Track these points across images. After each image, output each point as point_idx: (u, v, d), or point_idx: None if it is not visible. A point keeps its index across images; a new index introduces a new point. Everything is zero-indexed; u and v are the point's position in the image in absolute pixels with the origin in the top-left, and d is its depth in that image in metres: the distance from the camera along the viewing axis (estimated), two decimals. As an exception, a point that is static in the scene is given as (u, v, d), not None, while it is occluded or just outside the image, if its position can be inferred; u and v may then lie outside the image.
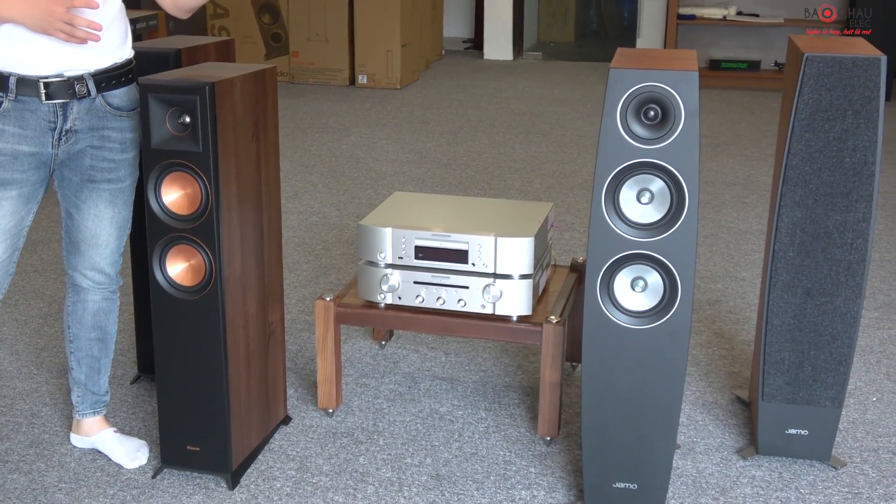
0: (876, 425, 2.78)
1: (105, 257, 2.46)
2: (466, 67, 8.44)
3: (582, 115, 6.62)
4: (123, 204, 2.44)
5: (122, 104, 2.35)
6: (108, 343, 2.60)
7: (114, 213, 2.42)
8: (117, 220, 2.44)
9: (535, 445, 2.66)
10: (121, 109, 2.35)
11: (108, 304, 2.55)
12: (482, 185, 5.04)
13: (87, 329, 2.54)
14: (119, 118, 2.35)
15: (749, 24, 7.70)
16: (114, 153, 2.37)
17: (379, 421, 2.77)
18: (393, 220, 2.66)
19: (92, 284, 2.49)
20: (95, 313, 2.53)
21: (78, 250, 2.45)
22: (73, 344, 2.56)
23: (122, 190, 2.42)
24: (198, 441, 2.45)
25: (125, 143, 2.39)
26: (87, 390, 2.59)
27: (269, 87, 2.48)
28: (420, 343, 3.24)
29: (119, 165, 2.39)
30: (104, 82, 2.30)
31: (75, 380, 2.59)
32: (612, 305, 2.20)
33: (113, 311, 2.57)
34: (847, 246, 2.39)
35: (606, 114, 2.08)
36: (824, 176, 2.35)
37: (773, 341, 2.49)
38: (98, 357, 2.58)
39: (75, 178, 2.37)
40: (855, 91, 2.28)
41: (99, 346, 2.57)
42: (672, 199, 2.11)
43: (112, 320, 2.58)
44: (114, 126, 2.35)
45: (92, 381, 2.59)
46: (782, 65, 7.71)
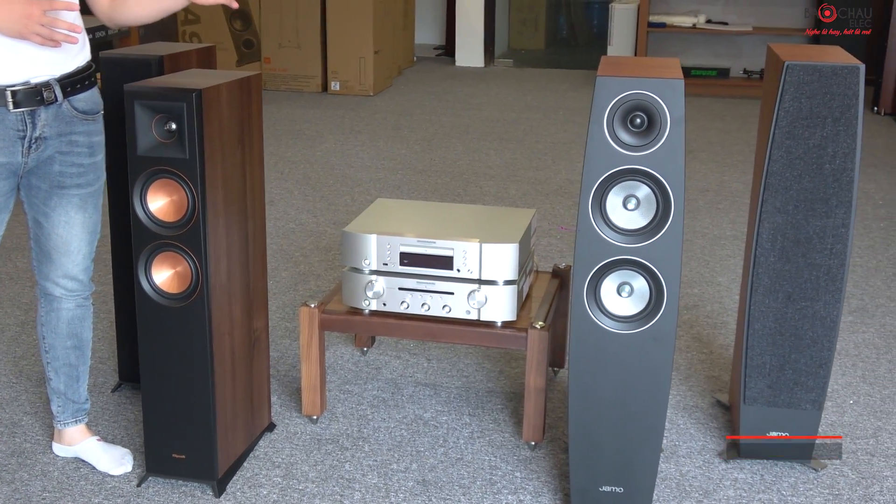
0: (854, 427, 2.82)
1: (77, 264, 2.44)
2: (438, 74, 8.46)
3: (555, 122, 6.66)
4: (93, 208, 2.42)
5: (88, 108, 2.35)
6: (85, 350, 2.58)
7: (84, 218, 2.40)
8: (88, 225, 2.42)
9: (520, 450, 2.68)
10: (87, 113, 2.34)
11: (83, 311, 2.52)
12: (458, 191, 5.06)
13: (62, 338, 2.52)
14: (86, 122, 2.34)
15: (718, 31, 7.78)
16: (82, 157, 2.35)
17: (363, 427, 2.78)
18: (377, 227, 2.67)
19: (65, 293, 2.47)
20: (70, 321, 2.51)
21: (49, 259, 2.42)
22: (49, 354, 2.53)
23: (91, 194, 2.40)
24: (183, 449, 2.44)
25: (93, 146, 2.37)
26: (67, 399, 2.57)
27: (254, 94, 2.48)
28: (402, 349, 3.25)
29: (88, 170, 2.37)
30: (69, 87, 2.29)
31: (54, 390, 2.57)
32: (598, 310, 2.22)
33: (87, 318, 2.55)
34: (827, 251, 2.43)
35: (593, 121, 2.11)
36: (804, 182, 2.39)
37: (754, 345, 2.52)
38: (76, 365, 2.56)
39: (44, 186, 2.34)
40: (834, 99, 2.32)
41: (76, 353, 2.55)
42: (658, 205, 2.14)
43: (87, 327, 2.56)
44: (81, 130, 2.34)
45: (71, 389, 2.57)
46: (751, 72, 7.81)
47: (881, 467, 2.62)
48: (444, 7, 9.48)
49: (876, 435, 2.78)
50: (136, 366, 2.87)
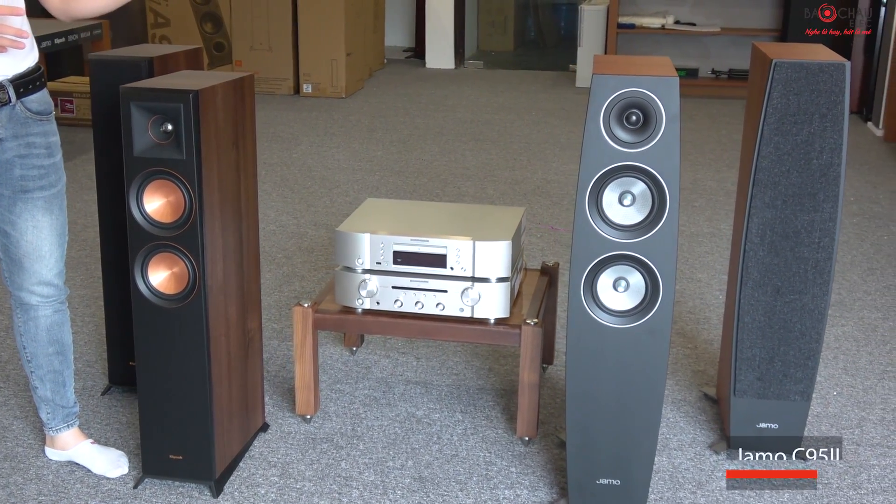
0: (838, 418, 2.88)
1: (51, 268, 2.42)
2: (409, 76, 8.48)
3: (528, 123, 6.70)
4: (59, 210, 2.41)
5: (41, 108, 2.33)
6: (68, 354, 2.56)
7: (52, 220, 2.39)
8: (56, 228, 2.40)
9: (514, 446, 2.70)
10: (40, 114, 2.33)
11: (60, 315, 2.50)
12: (436, 192, 5.08)
13: (43, 345, 2.50)
14: (41, 122, 2.33)
15: (686, 32, 7.87)
16: (41, 159, 2.34)
17: (357, 426, 2.79)
18: (370, 226, 2.68)
19: (41, 300, 2.44)
20: (49, 328, 2.49)
21: (21, 267, 2.39)
22: (32, 363, 2.51)
23: (55, 196, 2.39)
24: (180, 450, 2.44)
25: (50, 147, 2.36)
26: (56, 405, 2.56)
27: (247, 95, 2.49)
28: (390, 348, 3.26)
29: (49, 171, 2.36)
30: (22, 87, 2.28)
31: (41, 398, 2.55)
32: (595, 305, 2.25)
33: (66, 322, 2.53)
34: (815, 245, 2.48)
35: (590, 118, 2.14)
36: (793, 177, 2.43)
37: (744, 338, 2.57)
38: (60, 370, 2.55)
39: (7, 192, 2.32)
40: (821, 95, 2.37)
41: (59, 359, 2.53)
42: (653, 201, 2.17)
43: (67, 331, 2.54)
44: (37, 131, 2.33)
45: (59, 395, 2.56)
46: (719, 72, 7.91)
47: (867, 456, 2.68)
48: (414, 9, 9.51)
49: (861, 425, 2.84)
50: (126, 369, 2.89)
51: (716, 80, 7.88)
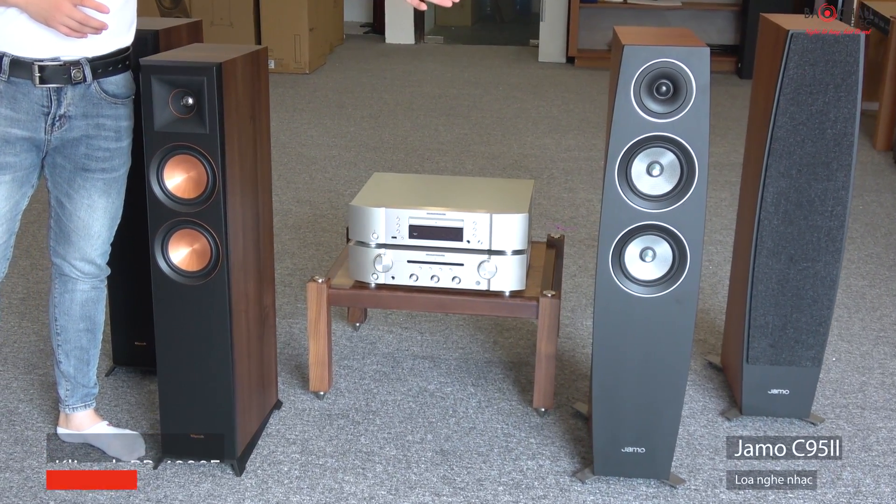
0: (840, 383, 2.94)
1: (96, 248, 2.39)
2: (370, 51, 8.41)
3: (497, 98, 6.70)
4: (117, 194, 2.37)
5: (118, 91, 2.28)
6: (97, 333, 2.52)
7: (107, 203, 2.35)
8: (110, 211, 2.37)
9: (530, 417, 2.71)
10: (116, 97, 2.28)
11: (97, 293, 2.47)
12: (415, 167, 5.06)
13: (75, 320, 2.46)
14: (114, 106, 2.28)
15: (649, 7, 7.91)
16: (109, 142, 2.29)
17: (371, 401, 2.78)
18: (384, 200, 2.66)
19: (80, 275, 2.41)
20: (84, 303, 2.45)
21: (68, 240, 2.37)
22: (60, 336, 2.47)
23: (116, 179, 2.35)
24: (202, 429, 2.41)
25: (120, 131, 2.31)
26: (77, 383, 2.52)
27: (262, 68, 2.45)
28: (393, 323, 3.25)
29: (114, 154, 2.32)
30: (101, 69, 2.23)
31: (63, 373, 2.50)
32: (622, 275, 2.26)
33: (101, 301, 2.50)
34: (827, 213, 2.52)
35: (620, 89, 2.14)
36: (807, 147, 2.47)
37: (757, 306, 2.61)
38: (87, 348, 2.51)
39: (68, 166, 2.29)
40: (836, 66, 2.40)
41: (88, 336, 2.50)
42: (682, 171, 2.18)
43: (100, 310, 2.51)
44: (109, 114, 2.28)
45: (81, 373, 2.52)
46: (680, 46, 7.95)
47: (873, 419, 2.74)
48: (371, -16, 9.42)
49: (862, 389, 2.90)
50: (132, 349, 2.85)
51: (676, 53, 7.92)
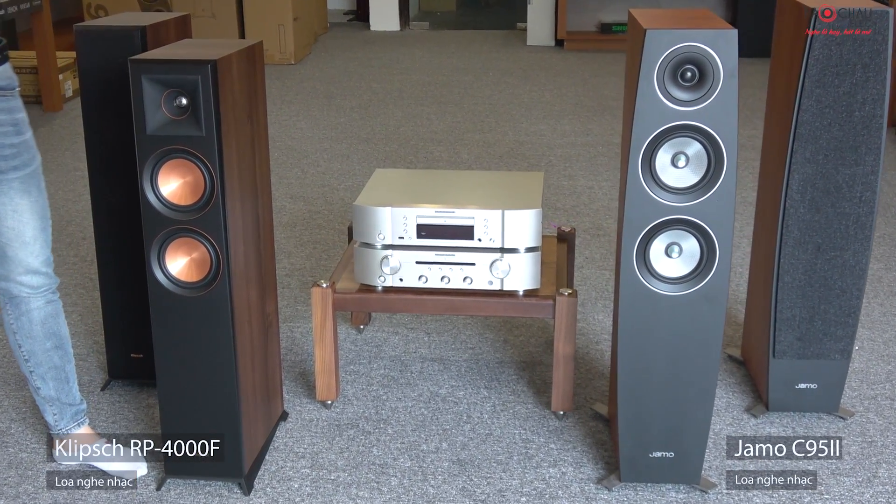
0: (866, 373, 2.83)
1: (37, 255, 2.22)
2: (356, 39, 8.25)
3: (488, 84, 6.56)
4: (38, 190, 2.21)
5: (4, 83, 2.12)
6: (67, 347, 2.38)
7: (31, 202, 2.19)
8: (37, 210, 2.20)
9: (548, 420, 2.60)
10: (4, 89, 2.13)
11: (53, 306, 2.32)
12: (409, 158, 4.92)
13: (40, 341, 2.31)
14: (4, 98, 2.12)
15: (636, -14, 7.78)
16: (10, 137, 2.13)
17: (380, 408, 2.65)
18: (389, 199, 2.53)
19: (31, 291, 2.25)
20: (44, 321, 2.30)
21: (5, 257, 2.20)
22: (30, 362, 2.33)
23: (31, 175, 2.18)
24: (207, 446, 2.28)
25: (18, 124, 2.15)
26: (63, 404, 2.38)
27: (258, 64, 2.31)
28: (398, 325, 3.13)
29: (20, 149, 2.15)
30: None
31: (45, 398, 2.36)
32: (648, 273, 2.14)
33: (60, 313, 2.35)
34: (856, 199, 2.40)
35: (643, 76, 2.01)
36: (834, 131, 2.35)
37: (784, 298, 2.49)
38: (61, 366, 2.36)
39: None
40: (864, 44, 2.28)
41: (59, 353, 2.35)
42: (710, 161, 2.06)
43: (62, 322, 2.36)
44: (2, 108, 2.12)
45: (63, 392, 2.38)
46: (670, 26, 7.82)
47: (904, 411, 2.64)
48: (354, -30, 9.25)
49: (889, 379, 2.80)
50: (128, 361, 2.72)
51: (667, 33, 7.80)
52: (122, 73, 2.41)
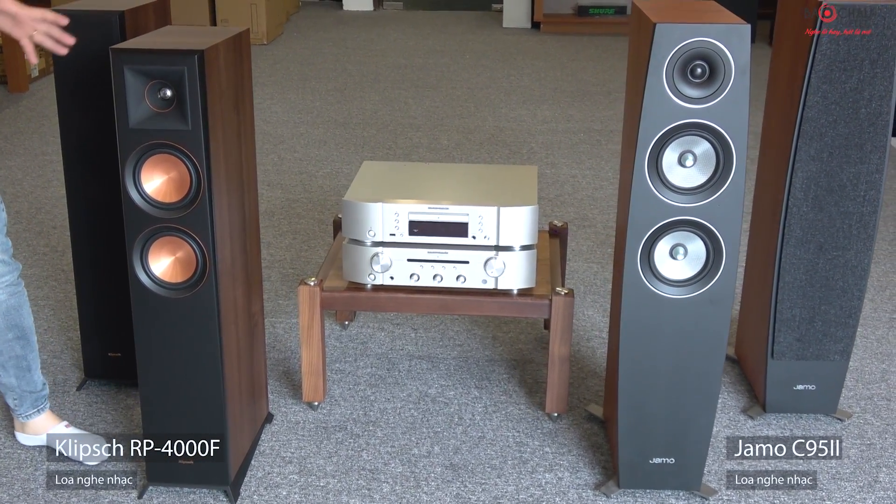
0: (861, 372, 2.79)
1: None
2: (328, 19, 8.10)
3: (465, 67, 6.45)
4: None
5: None
6: (30, 337, 2.30)
7: None
8: None
9: (541, 422, 2.53)
10: None
11: (16, 298, 2.22)
12: (388, 144, 4.82)
13: (1, 332, 2.22)
14: None
15: (614, -31, 7.69)
16: None
17: (369, 410, 2.57)
18: (380, 194, 2.44)
19: None
20: (6, 313, 2.21)
21: None
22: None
23: None
24: (191, 451, 2.19)
25: None
26: (23, 391, 2.31)
27: (244, 52, 2.21)
28: (383, 320, 3.04)
29: None
30: None
31: (6, 385, 2.30)
32: (652, 276, 2.07)
33: (24, 304, 2.26)
34: (860, 198, 2.34)
35: (651, 73, 1.93)
36: (839, 128, 2.29)
37: (784, 298, 2.43)
38: (23, 355, 2.28)
39: None
40: (872, 40, 2.22)
41: (21, 343, 2.27)
42: (718, 160, 1.99)
43: (26, 313, 2.27)
44: None
45: (24, 381, 2.30)
46: (647, 9, 7.75)
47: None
48: (326, -52, 9.08)
49: (885, 378, 2.76)
50: (106, 361, 2.62)
51: (644, 17, 7.73)
52: (98, 60, 2.30)
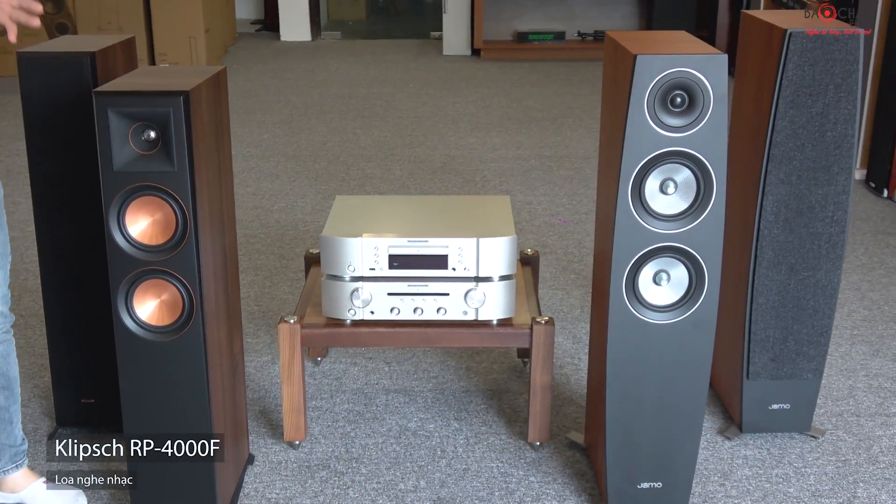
0: (829, 389, 2.85)
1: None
2: (266, 50, 8.07)
3: (409, 96, 6.48)
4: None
5: None
6: (14, 388, 2.24)
7: None
8: None
9: (524, 452, 2.53)
10: None
11: (5, 346, 2.18)
12: (341, 175, 4.81)
13: None
14: None
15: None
16: None
17: (350, 446, 2.55)
18: (358, 229, 2.44)
19: None
20: None
21: None
22: None
23: None
24: (178, 498, 2.15)
25: None
26: (2, 445, 2.24)
27: (223, 91, 2.20)
28: (355, 355, 3.03)
29: None
30: None
31: None
32: (637, 302, 2.10)
33: (12, 353, 2.21)
34: (828, 219, 2.41)
35: (633, 102, 1.97)
36: (807, 151, 2.35)
37: (758, 320, 2.48)
38: (6, 406, 2.22)
39: None
40: (836, 65, 2.29)
41: (4, 394, 2.21)
42: (699, 187, 2.03)
43: (13, 363, 2.22)
44: None
45: (5, 433, 2.23)
46: (585, 34, 7.88)
47: (871, 427, 2.66)
48: (261, -21, 9.06)
49: (852, 394, 2.83)
50: (78, 407, 2.57)
51: (582, 42, 7.86)
52: (69, 101, 2.28)
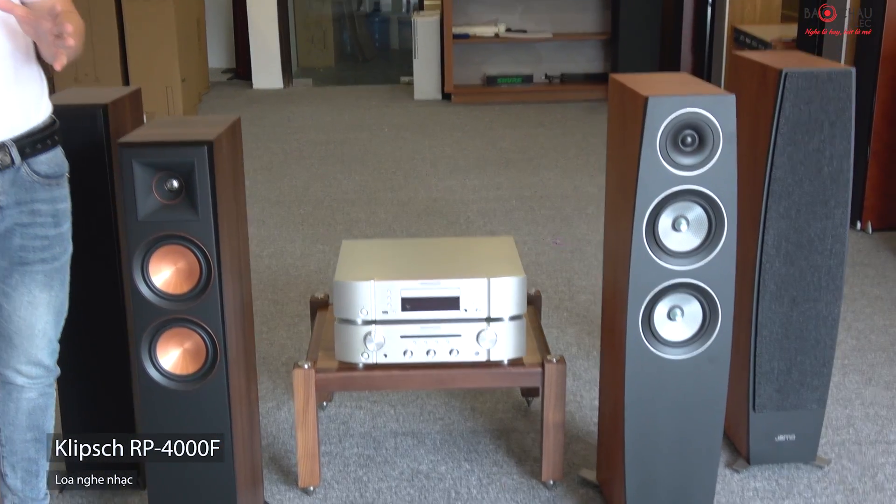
0: (828, 419, 2.90)
1: (43, 348, 2.10)
2: (240, 98, 8.11)
3: (386, 140, 6.54)
4: (60, 285, 2.09)
5: (51, 171, 2.01)
6: (46, 442, 2.23)
7: (50, 297, 2.07)
8: (54, 305, 2.09)
9: (537, 491, 2.56)
10: (49, 177, 2.01)
11: (45, 399, 2.18)
12: (327, 220, 4.84)
13: (21, 430, 2.16)
14: (48, 187, 2.01)
15: (519, 39, 7.93)
16: (46, 228, 2.02)
17: (364, 491, 2.56)
18: (369, 273, 2.46)
19: (27, 381, 2.12)
20: (31, 412, 2.15)
21: (10, 344, 2.07)
22: (5, 448, 2.17)
23: (57, 269, 2.07)
24: (201, 548, 2.15)
25: (58, 215, 2.04)
26: (25, 497, 2.22)
27: (238, 141, 2.23)
28: (361, 399, 3.04)
29: (53, 242, 2.04)
30: (28, 147, 1.96)
31: (10, 487, 2.21)
32: (653, 338, 2.15)
33: (50, 407, 2.21)
34: (827, 251, 2.47)
35: (646, 144, 2.03)
36: (805, 186, 2.42)
37: (763, 352, 2.54)
38: (35, 459, 2.21)
39: (3, 263, 2.00)
40: (830, 102, 2.37)
41: (36, 447, 2.20)
42: (711, 224, 2.09)
43: (49, 416, 2.22)
44: (43, 197, 2.01)
45: (29, 486, 2.22)
46: (552, 77, 8.00)
47: (873, 455, 2.71)
48: (231, 28, 9.11)
49: (851, 423, 2.88)
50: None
51: (549, 84, 7.98)
52: (83, 152, 2.29)
